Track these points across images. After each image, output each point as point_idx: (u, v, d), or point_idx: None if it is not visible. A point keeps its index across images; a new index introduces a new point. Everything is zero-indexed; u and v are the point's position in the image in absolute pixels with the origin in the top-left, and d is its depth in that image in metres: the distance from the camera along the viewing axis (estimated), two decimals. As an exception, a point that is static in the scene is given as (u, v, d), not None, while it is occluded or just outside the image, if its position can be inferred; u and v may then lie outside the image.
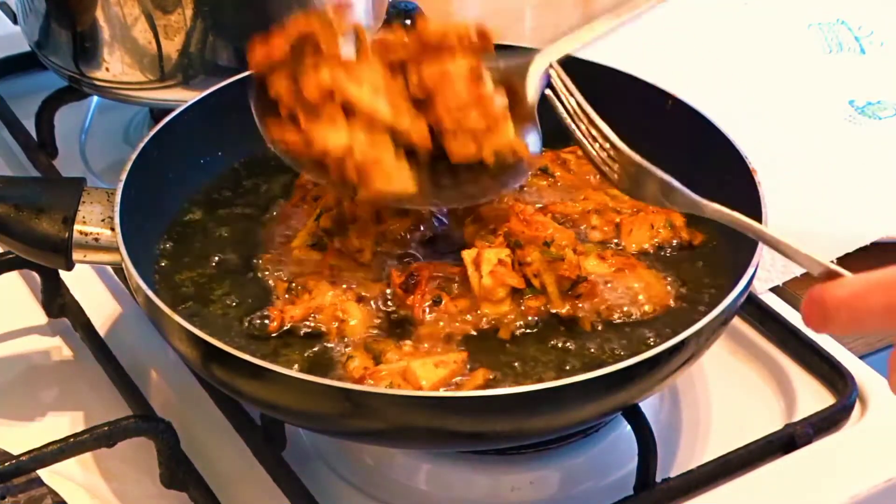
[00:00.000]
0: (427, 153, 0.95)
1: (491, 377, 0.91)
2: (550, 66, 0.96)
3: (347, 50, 0.95)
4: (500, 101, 0.95)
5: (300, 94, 0.93)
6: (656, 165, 1.10)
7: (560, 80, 0.95)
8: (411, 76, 0.95)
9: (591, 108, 0.94)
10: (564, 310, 0.96)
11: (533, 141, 0.97)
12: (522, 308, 0.96)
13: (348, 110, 0.93)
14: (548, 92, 0.95)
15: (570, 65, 0.97)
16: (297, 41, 0.94)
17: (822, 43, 1.42)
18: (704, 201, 0.87)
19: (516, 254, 0.97)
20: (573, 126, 0.94)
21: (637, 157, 0.92)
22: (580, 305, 0.96)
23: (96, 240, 0.96)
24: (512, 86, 0.96)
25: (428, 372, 0.89)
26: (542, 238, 0.98)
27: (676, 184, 0.89)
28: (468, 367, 0.91)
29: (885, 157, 1.27)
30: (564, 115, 0.94)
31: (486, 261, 0.96)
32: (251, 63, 0.96)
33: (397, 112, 0.94)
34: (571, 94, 0.95)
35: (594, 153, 0.93)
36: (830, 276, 0.77)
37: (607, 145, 0.92)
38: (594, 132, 0.93)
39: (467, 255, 0.97)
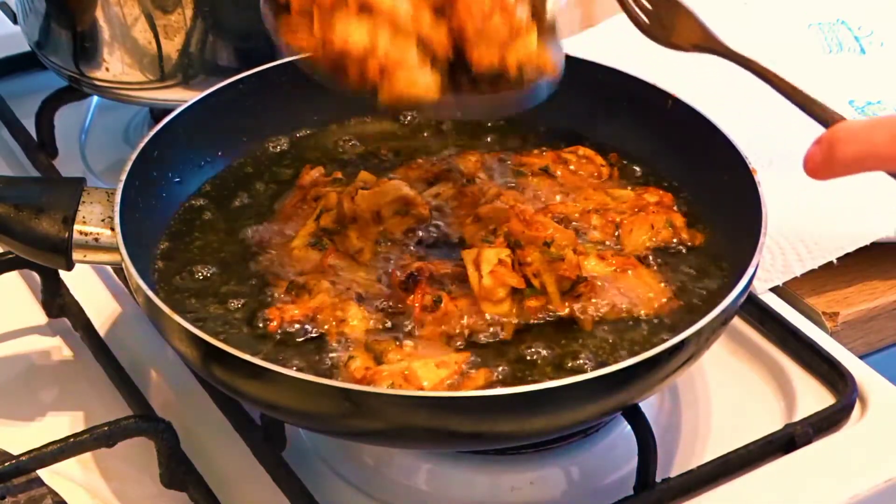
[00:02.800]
0: (447, 62, 0.91)
1: (491, 377, 0.91)
2: None
3: None
4: (524, 10, 0.91)
5: None
6: (656, 164, 1.11)
7: None
8: None
9: None
10: (564, 310, 0.96)
11: (556, 56, 0.93)
12: (522, 308, 0.96)
13: (365, 11, 0.89)
14: None
15: (571, 65, 0.97)
16: None
17: (822, 43, 1.42)
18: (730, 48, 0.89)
19: (516, 254, 0.97)
20: None
21: None
22: (580, 305, 0.96)
23: (96, 240, 0.96)
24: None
25: (429, 372, 0.89)
26: (542, 238, 0.97)
27: (712, 31, 0.89)
28: (469, 367, 0.91)
29: (885, 157, 1.27)
30: None
31: (486, 261, 0.95)
32: None
33: (417, 14, 0.89)
34: None
35: None
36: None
37: None
38: None
39: (467, 255, 0.97)
